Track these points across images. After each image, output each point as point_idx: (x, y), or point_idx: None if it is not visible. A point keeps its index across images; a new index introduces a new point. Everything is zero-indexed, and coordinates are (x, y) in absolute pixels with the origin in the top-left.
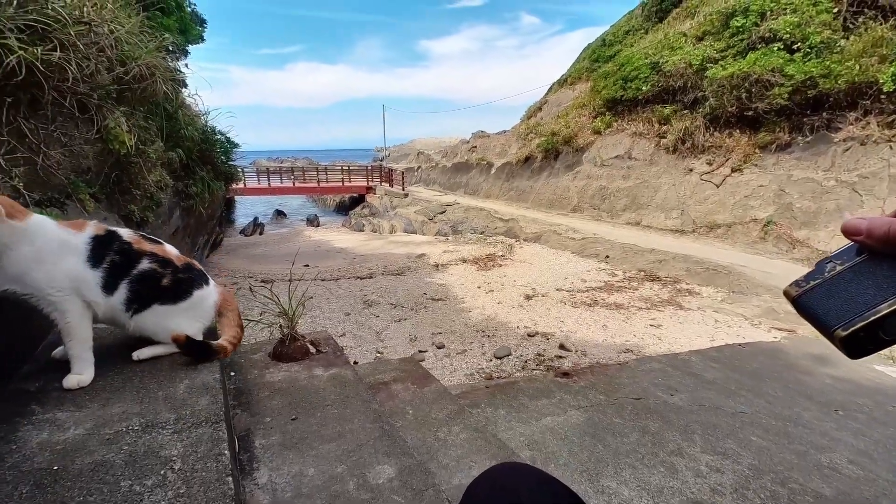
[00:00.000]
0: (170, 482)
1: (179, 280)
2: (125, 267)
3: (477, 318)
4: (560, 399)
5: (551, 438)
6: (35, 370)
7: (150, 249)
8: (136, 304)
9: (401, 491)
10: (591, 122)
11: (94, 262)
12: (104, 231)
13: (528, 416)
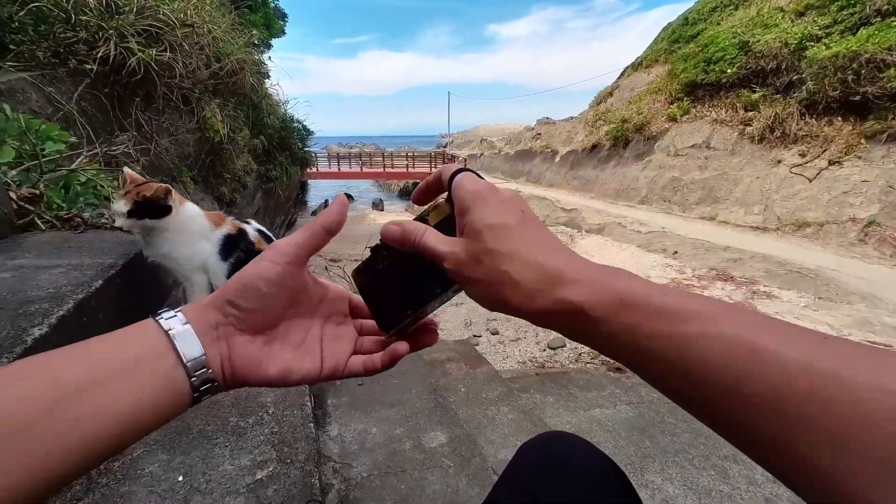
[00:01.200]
0: (265, 422)
1: None
2: (246, 263)
3: None
4: (611, 393)
5: (598, 429)
6: None
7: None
8: None
9: (450, 456)
10: (666, 108)
11: (223, 256)
12: (236, 230)
13: (577, 406)
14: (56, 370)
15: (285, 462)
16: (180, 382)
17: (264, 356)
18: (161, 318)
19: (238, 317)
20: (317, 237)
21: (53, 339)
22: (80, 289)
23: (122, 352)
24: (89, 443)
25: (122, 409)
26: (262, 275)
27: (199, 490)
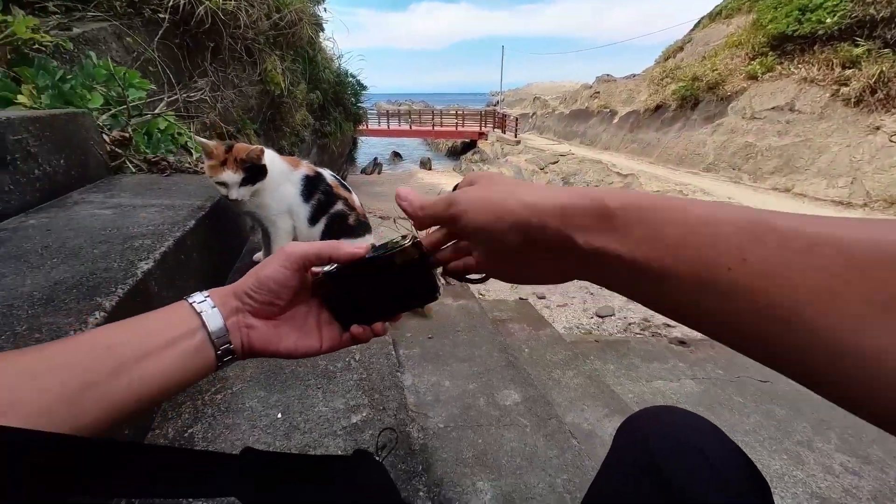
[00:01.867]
0: (353, 367)
1: (360, 223)
2: (326, 206)
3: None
4: (674, 366)
5: (661, 401)
6: (243, 268)
7: (343, 195)
8: (329, 237)
9: (526, 415)
10: (746, 64)
11: (305, 197)
12: (313, 172)
13: (639, 376)
14: (115, 342)
15: (377, 409)
16: (209, 353)
17: (275, 336)
18: (194, 301)
19: (253, 305)
20: (321, 257)
21: (157, 273)
22: (176, 227)
23: (166, 329)
24: (139, 401)
25: (166, 375)
26: (272, 276)
27: (298, 428)
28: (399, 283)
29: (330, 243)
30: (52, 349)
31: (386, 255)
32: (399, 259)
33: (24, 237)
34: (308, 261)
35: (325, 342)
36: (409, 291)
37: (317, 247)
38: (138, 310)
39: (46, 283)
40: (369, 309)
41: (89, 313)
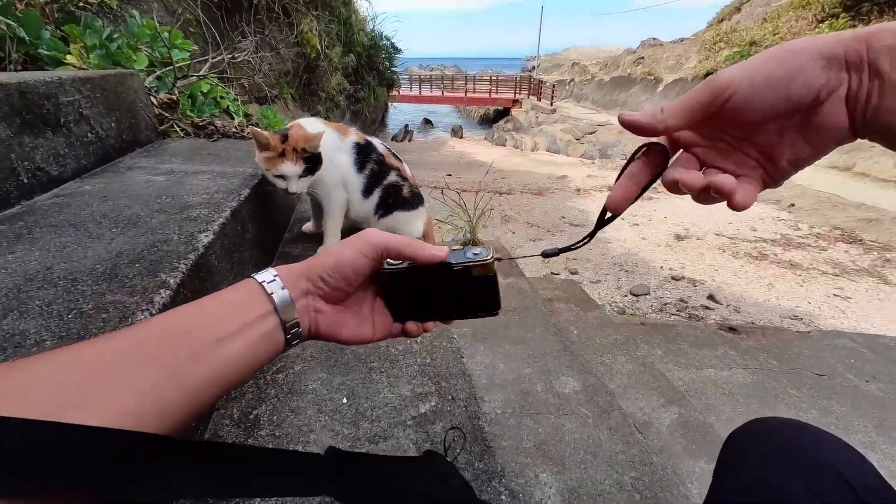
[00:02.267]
0: (415, 351)
1: (414, 194)
2: (379, 176)
3: (616, 251)
4: (724, 353)
5: (713, 391)
6: (292, 239)
7: (396, 165)
8: (383, 210)
9: (587, 405)
10: (813, 27)
11: (358, 167)
12: (364, 140)
13: (688, 363)
14: (189, 327)
15: (446, 398)
16: (279, 338)
17: (339, 321)
18: (264, 281)
19: (324, 290)
20: (401, 253)
21: (217, 246)
22: (230, 196)
23: (238, 312)
24: (216, 389)
25: (240, 361)
26: (350, 263)
27: (364, 416)
28: (466, 291)
29: (414, 242)
30: (123, 338)
31: (465, 265)
32: (476, 271)
33: (81, 204)
34: (388, 253)
35: (378, 331)
36: (472, 301)
37: (399, 242)
38: (201, 286)
39: (108, 256)
40: (428, 308)
41: (155, 291)
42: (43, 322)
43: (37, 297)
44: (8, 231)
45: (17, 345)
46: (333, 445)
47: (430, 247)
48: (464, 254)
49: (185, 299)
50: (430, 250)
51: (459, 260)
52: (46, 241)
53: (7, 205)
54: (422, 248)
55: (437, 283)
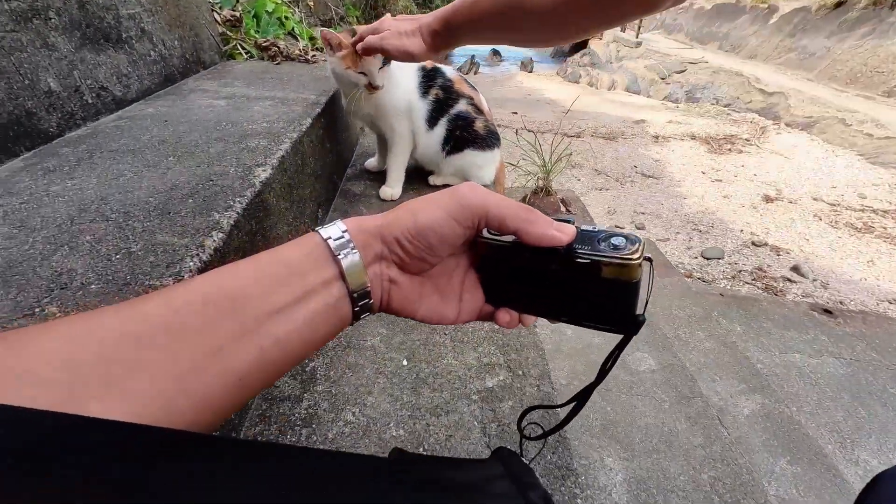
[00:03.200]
0: None
1: (490, 131)
2: (446, 104)
3: (691, 208)
4: (814, 338)
5: (797, 379)
6: (354, 175)
7: (468, 93)
8: (451, 145)
9: (663, 387)
10: None
11: (422, 92)
12: (430, 65)
13: (770, 344)
14: (238, 293)
15: (516, 374)
16: (345, 311)
17: (416, 296)
18: (330, 237)
19: (401, 257)
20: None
21: (275, 182)
22: (291, 126)
23: (297, 277)
24: (265, 372)
25: (295, 338)
26: (437, 229)
27: (426, 383)
28: (588, 292)
29: (524, 212)
30: (156, 305)
31: (594, 259)
32: (609, 271)
33: (142, 128)
34: (488, 222)
35: (465, 313)
36: (595, 307)
37: (504, 209)
38: (257, 227)
39: (162, 188)
40: (533, 298)
41: (206, 233)
42: (91, 262)
43: (88, 232)
44: (71, 155)
45: (63, 286)
46: (398, 447)
47: (544, 221)
48: (597, 240)
49: (238, 243)
50: (543, 227)
51: (588, 249)
52: (105, 168)
53: (73, 126)
54: (533, 223)
55: (549, 271)
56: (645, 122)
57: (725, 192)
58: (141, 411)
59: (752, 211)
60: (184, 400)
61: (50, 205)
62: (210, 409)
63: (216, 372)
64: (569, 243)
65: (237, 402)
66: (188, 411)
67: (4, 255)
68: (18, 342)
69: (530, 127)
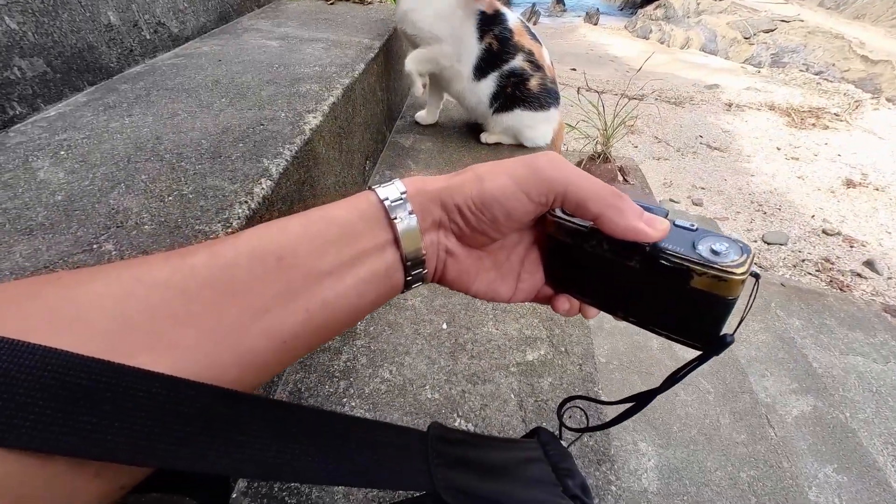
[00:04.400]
0: None
1: (547, 89)
2: (498, 58)
3: (758, 186)
4: (883, 342)
5: (855, 383)
6: (403, 127)
7: (528, 46)
8: (500, 103)
9: (710, 378)
10: None
11: (479, 35)
12: (493, 10)
13: (831, 343)
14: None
15: (559, 350)
16: (396, 278)
17: (473, 270)
18: (387, 199)
19: (460, 227)
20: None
21: (325, 130)
22: (343, 71)
23: (348, 238)
24: (310, 336)
25: (343, 304)
26: (504, 202)
27: (464, 349)
28: (673, 301)
29: (609, 196)
30: (202, 258)
31: (685, 264)
32: (701, 282)
33: (197, 67)
34: (566, 202)
35: (520, 293)
36: (674, 315)
37: (587, 190)
38: (306, 175)
39: (214, 130)
40: (600, 292)
41: (255, 181)
42: (145, 202)
43: (143, 171)
44: (129, 91)
45: (119, 224)
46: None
47: (632, 211)
48: (694, 241)
49: (286, 191)
50: (630, 218)
51: (679, 250)
52: (161, 107)
53: (132, 62)
54: (619, 212)
55: (627, 267)
56: (718, 88)
57: (801, 171)
58: (187, 366)
59: (829, 195)
60: (228, 357)
61: (109, 141)
62: (253, 368)
63: (261, 332)
64: (657, 243)
65: (280, 364)
66: (232, 369)
67: (67, 190)
68: (73, 285)
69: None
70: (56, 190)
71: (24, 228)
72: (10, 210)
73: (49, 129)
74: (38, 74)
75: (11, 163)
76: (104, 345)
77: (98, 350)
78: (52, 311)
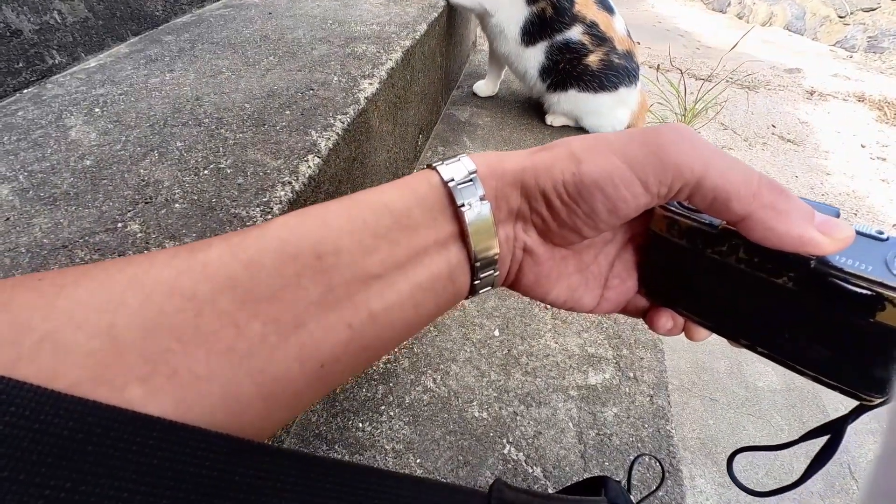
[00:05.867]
0: None
1: (611, 65)
2: (551, 26)
3: (834, 187)
4: None
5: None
6: (460, 99)
7: (591, 17)
8: (553, 79)
9: (784, 412)
10: None
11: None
12: None
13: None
14: (326, 248)
15: (626, 375)
16: (462, 282)
17: (553, 273)
18: (452, 181)
19: (547, 221)
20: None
21: (381, 100)
22: (404, 31)
23: (404, 231)
24: (353, 355)
25: (399, 314)
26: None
27: (518, 362)
28: (838, 333)
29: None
30: (221, 250)
31: (873, 288)
32: (889, 317)
33: (246, 20)
34: (692, 194)
35: (606, 302)
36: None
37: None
38: (357, 151)
39: (259, 93)
40: (720, 312)
41: (301, 157)
42: (178, 174)
43: (179, 137)
44: (173, 44)
45: (148, 199)
46: (502, 480)
47: (800, 213)
48: (886, 256)
49: (335, 170)
50: (797, 224)
51: (866, 268)
52: (204, 63)
53: (179, 11)
54: (781, 214)
55: (771, 283)
56: (800, 72)
57: (886, 174)
58: (196, 400)
59: None
60: (250, 387)
61: (146, 99)
62: (283, 400)
63: (293, 353)
64: (827, 258)
65: (315, 393)
66: (255, 401)
67: (97, 154)
68: (52, 293)
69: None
70: (86, 153)
71: (47, 197)
72: (35, 174)
73: (87, 83)
74: (80, 20)
75: (45, 118)
76: (85, 373)
77: (77, 380)
78: (18, 327)
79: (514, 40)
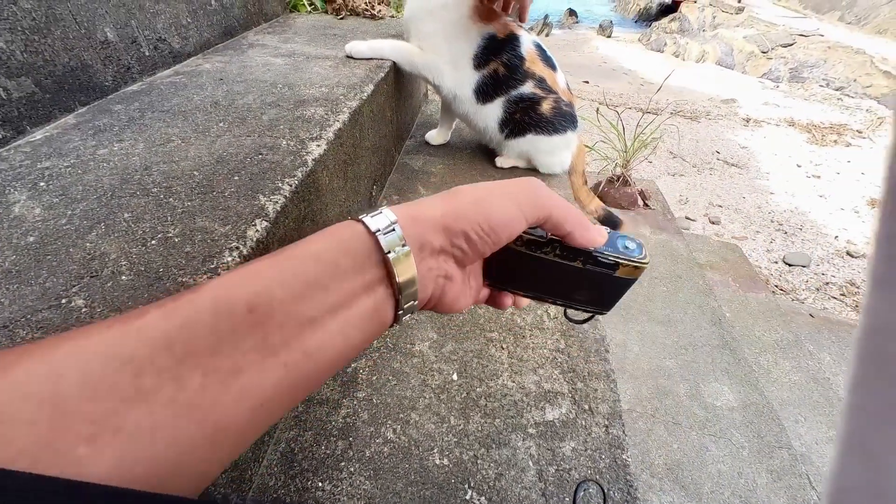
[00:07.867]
0: (547, 329)
1: (560, 112)
2: (505, 83)
3: (778, 205)
4: None
5: None
6: (413, 147)
7: (539, 73)
8: (511, 128)
9: (742, 429)
10: None
11: (476, 63)
12: (506, 34)
13: None
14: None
15: (582, 407)
16: (386, 315)
17: (463, 290)
18: (378, 230)
19: (465, 251)
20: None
21: (329, 159)
22: (352, 93)
23: (335, 279)
24: (290, 394)
25: (331, 352)
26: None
27: (477, 405)
28: (592, 283)
29: (576, 217)
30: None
31: (616, 260)
32: (623, 271)
33: (196, 86)
34: (548, 223)
35: (472, 297)
36: (589, 294)
37: (563, 214)
38: (307, 210)
39: (209, 160)
40: (532, 283)
41: (249, 222)
42: (125, 245)
43: (127, 208)
44: (122, 113)
45: (94, 273)
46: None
47: (591, 227)
48: (615, 243)
49: (283, 231)
50: (589, 233)
51: (610, 251)
52: (154, 132)
53: (129, 80)
54: (584, 228)
55: (565, 265)
56: (735, 102)
57: (823, 190)
58: (141, 452)
59: (853, 215)
60: (195, 432)
61: (94, 171)
62: (227, 441)
63: (233, 398)
64: (598, 249)
65: (257, 429)
66: (201, 445)
67: (41, 229)
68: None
69: (602, 100)
70: (30, 229)
71: None
72: None
73: (32, 156)
74: (26, 95)
75: None
76: (31, 439)
77: (24, 447)
78: None
79: (469, 101)
